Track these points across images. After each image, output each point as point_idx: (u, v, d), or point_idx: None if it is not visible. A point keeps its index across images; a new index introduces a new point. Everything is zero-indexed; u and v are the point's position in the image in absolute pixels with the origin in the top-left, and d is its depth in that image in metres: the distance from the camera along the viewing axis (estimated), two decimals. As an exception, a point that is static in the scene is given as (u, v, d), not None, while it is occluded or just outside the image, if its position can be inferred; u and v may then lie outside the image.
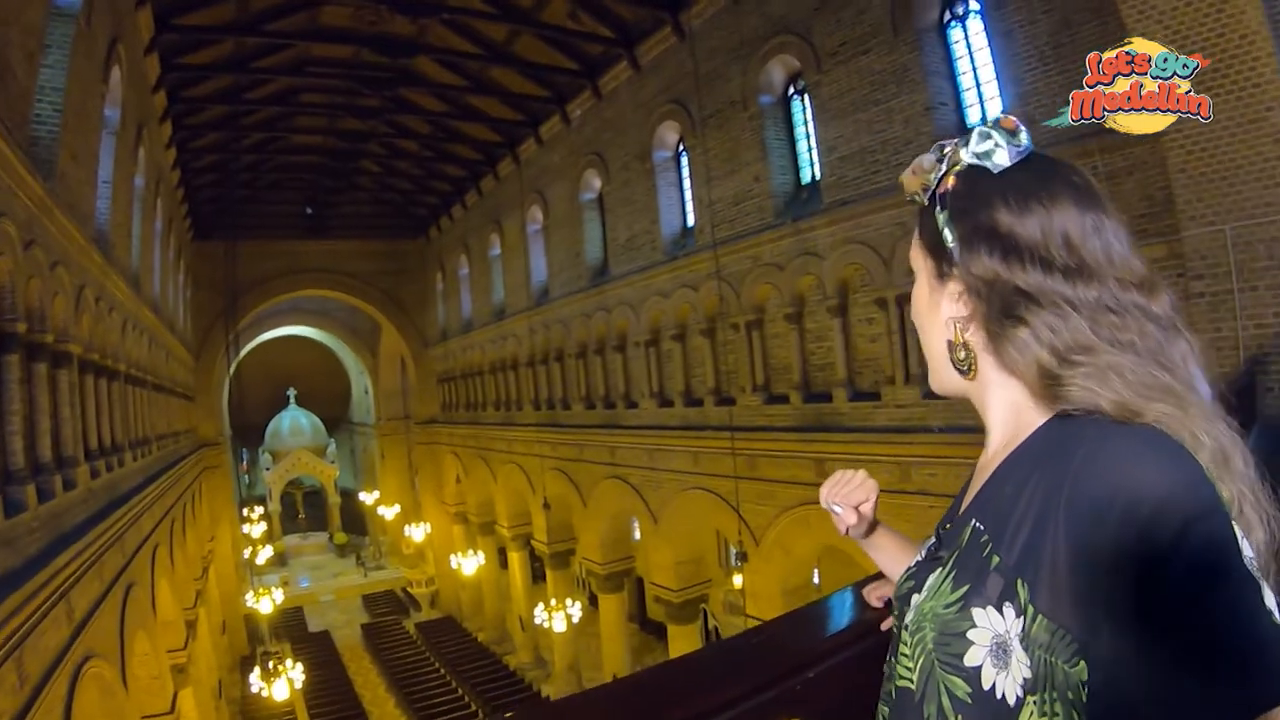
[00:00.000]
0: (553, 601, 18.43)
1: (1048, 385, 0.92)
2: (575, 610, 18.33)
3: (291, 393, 39.68)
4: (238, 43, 14.53)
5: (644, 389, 16.13)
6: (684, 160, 15.26)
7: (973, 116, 10.37)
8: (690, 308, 14.71)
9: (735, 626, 16.46)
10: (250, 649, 24.14)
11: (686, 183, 15.27)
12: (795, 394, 12.52)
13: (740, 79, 13.14)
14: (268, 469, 39.03)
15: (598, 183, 17.61)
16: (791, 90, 13.00)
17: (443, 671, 23.36)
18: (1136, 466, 0.79)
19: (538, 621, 18.83)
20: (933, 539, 1.13)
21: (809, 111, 12.51)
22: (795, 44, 12.11)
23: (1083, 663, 0.79)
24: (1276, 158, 6.58)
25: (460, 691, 21.72)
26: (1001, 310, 0.95)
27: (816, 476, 11.90)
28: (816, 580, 14.48)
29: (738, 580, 13.35)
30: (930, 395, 10.41)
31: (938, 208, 1.05)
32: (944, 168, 1.06)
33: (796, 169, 13.04)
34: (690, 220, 15.19)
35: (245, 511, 31.83)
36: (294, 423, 39.97)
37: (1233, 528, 0.77)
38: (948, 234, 1.02)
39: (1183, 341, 0.94)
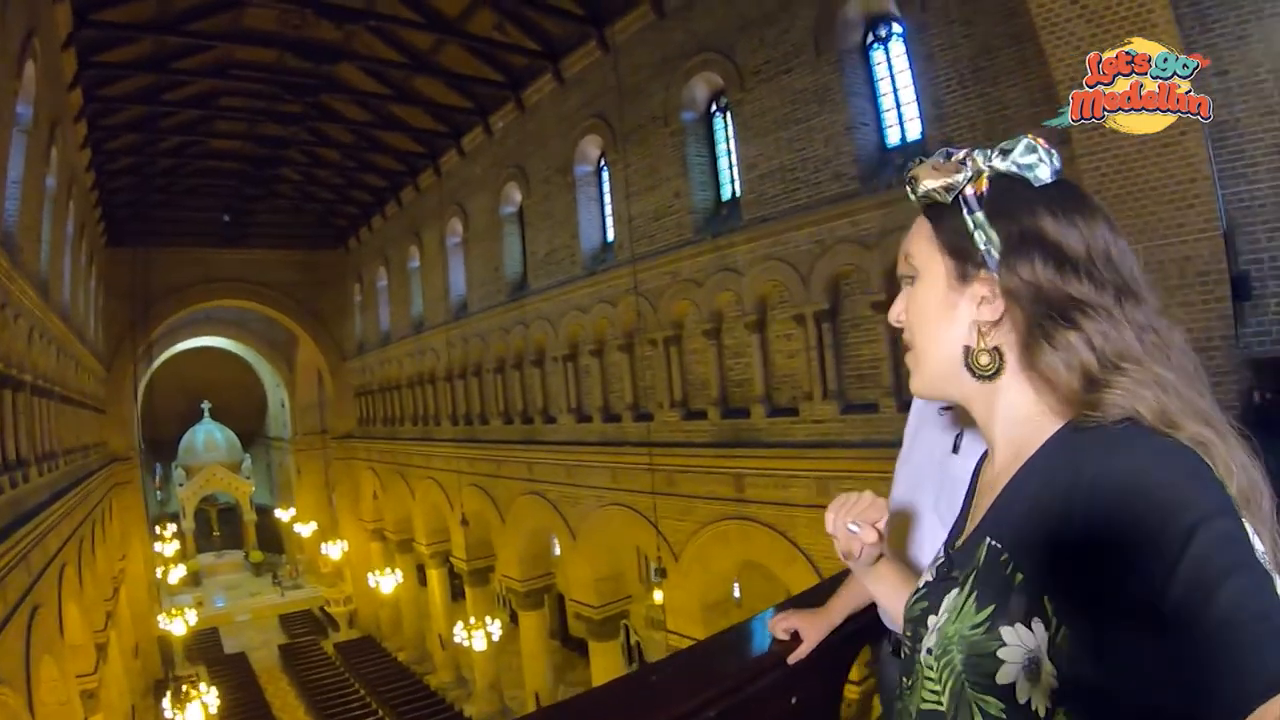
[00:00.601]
0: (472, 620, 18.17)
1: (1086, 389, 0.93)
2: (495, 628, 18.11)
3: (206, 406, 38.41)
4: (158, 41, 14.06)
5: (562, 404, 16.02)
6: (605, 175, 15.25)
7: (893, 137, 10.63)
8: (608, 323, 14.68)
9: (657, 642, 16.44)
10: (164, 672, 23.31)
11: (607, 198, 15.27)
12: (713, 410, 12.56)
13: (663, 95, 13.19)
14: (181, 485, 37.73)
15: (518, 196, 17.50)
16: (714, 107, 13.10)
17: (363, 693, 22.81)
18: (1150, 470, 0.81)
19: (457, 640, 18.57)
20: (942, 558, 1.12)
21: (730, 129, 12.61)
22: (719, 62, 12.22)
23: (1105, 666, 0.79)
24: (1188, 180, 6.85)
25: (381, 713, 21.27)
26: (1051, 315, 0.96)
27: (734, 492, 12.02)
28: (737, 594, 14.53)
29: (658, 596, 13.33)
30: (849, 410, 10.57)
31: (966, 209, 1.02)
32: (968, 170, 1.03)
33: (717, 186, 13.12)
34: (610, 235, 15.19)
35: (158, 529, 30.78)
36: (208, 437, 38.72)
37: (1244, 525, 0.77)
38: (981, 236, 1.01)
39: (1201, 370, 0.97)
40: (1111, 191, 7.16)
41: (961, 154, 1.05)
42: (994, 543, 0.95)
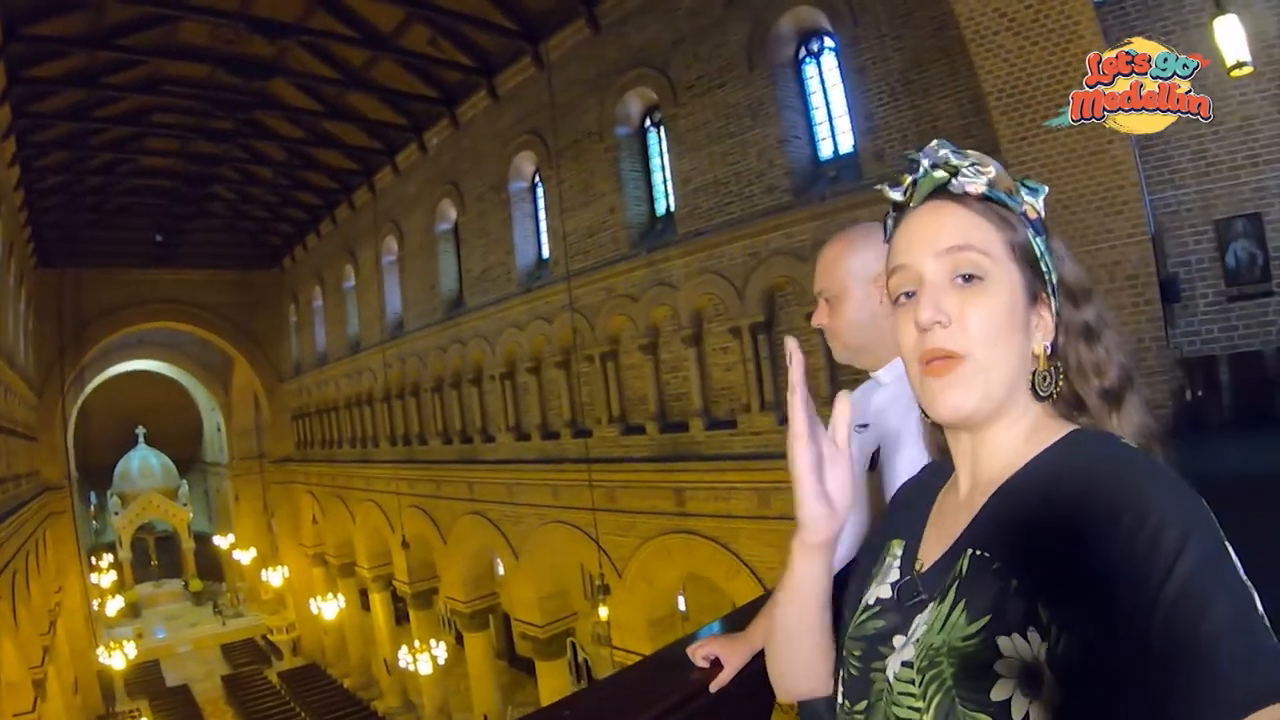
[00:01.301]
0: (417, 643, 17.93)
1: (1110, 407, 0.98)
2: (440, 651, 17.89)
3: (141, 431, 37.39)
4: (89, 56, 13.71)
5: (501, 423, 15.90)
6: (540, 191, 15.23)
7: (825, 150, 10.84)
8: (545, 340, 14.63)
9: (603, 659, 16.33)
10: (105, 708, 22.62)
11: (542, 214, 15.24)
12: (652, 424, 12.56)
13: (597, 110, 13.22)
14: (117, 513, 36.61)
15: (453, 213, 17.39)
16: (648, 122, 13.17)
17: (309, 721, 22.31)
18: (1142, 486, 0.81)
19: (403, 664, 18.30)
20: (898, 576, 1.06)
21: (664, 143, 12.69)
22: (653, 77, 12.30)
23: (1102, 674, 0.77)
24: (1116, 187, 7.07)
25: (327, 741, 20.80)
26: (1081, 338, 1.00)
27: (675, 506, 12.08)
28: (683, 608, 14.49)
29: (604, 613, 13.29)
30: (787, 421, 10.58)
31: (1031, 230, 1.00)
32: (1020, 187, 1.02)
33: (651, 200, 13.19)
34: (545, 252, 15.15)
35: (94, 560, 30.00)
36: (144, 463, 37.68)
37: (1226, 544, 0.78)
38: (1045, 266, 1.00)
39: (1129, 341, 1.03)
40: (1041, 199, 7.33)
41: (981, 160, 1.01)
42: (980, 553, 0.92)
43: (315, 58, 15.06)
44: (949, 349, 0.95)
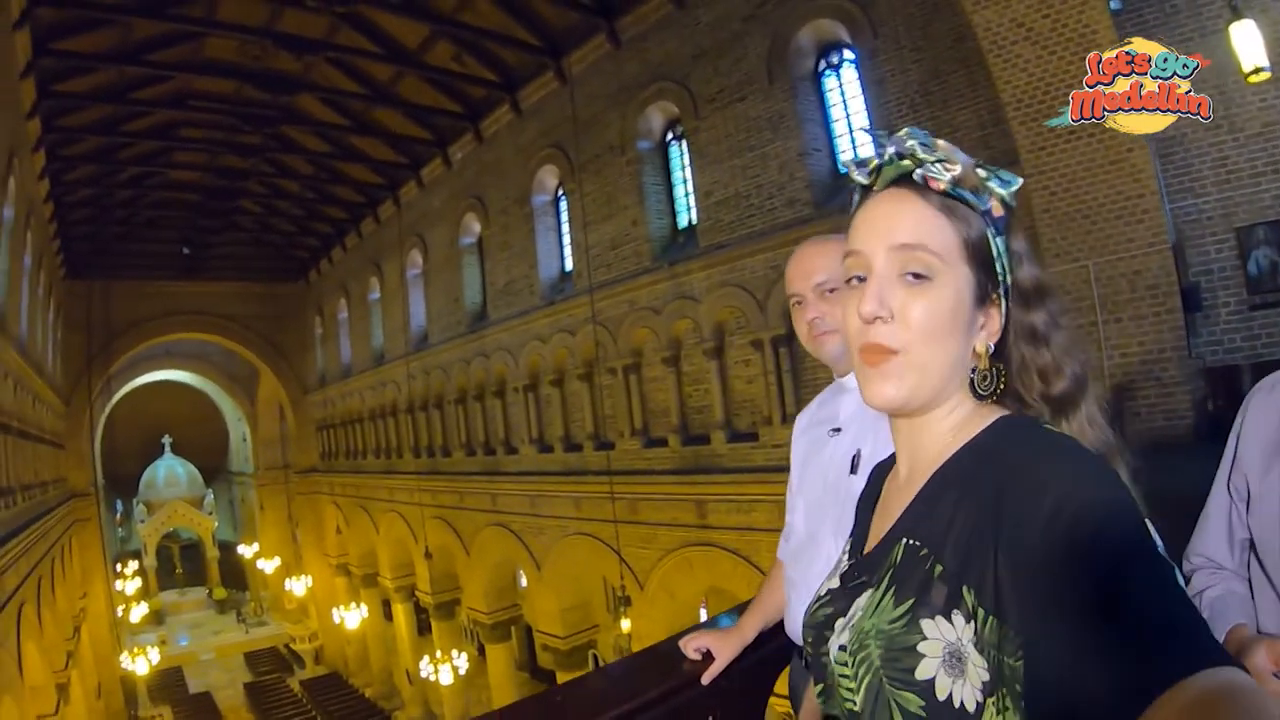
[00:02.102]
0: (439, 654, 17.93)
1: (1057, 417, 0.97)
2: (462, 661, 17.85)
3: (167, 441, 37.75)
4: (118, 72, 13.94)
5: (524, 435, 15.94)
6: (562, 205, 15.32)
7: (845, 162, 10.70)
8: (568, 352, 14.66)
9: (624, 673, 16.26)
10: (128, 713, 22.78)
11: (565, 227, 15.32)
12: (674, 437, 12.55)
13: (619, 124, 13.28)
14: (142, 521, 36.93)
15: (477, 227, 17.50)
16: (669, 136, 13.21)
17: (330, 731, 22.37)
18: (1062, 469, 0.82)
19: (424, 674, 18.30)
20: (845, 565, 1.10)
21: (686, 157, 12.71)
22: (674, 91, 12.33)
23: (1023, 655, 0.78)
24: (1136, 196, 7.02)
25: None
26: (1026, 340, 0.99)
27: (697, 518, 12.02)
28: (705, 620, 14.40)
29: (625, 625, 13.25)
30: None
31: (993, 230, 0.99)
32: (990, 179, 1.00)
33: (673, 213, 13.21)
34: (568, 265, 15.19)
35: (119, 567, 30.20)
36: (169, 472, 38.02)
37: (1145, 522, 0.80)
38: (1001, 266, 0.99)
39: (1085, 348, 1.01)
40: (1061, 210, 7.32)
41: (973, 163, 1.01)
42: (912, 541, 0.94)
43: (341, 73, 15.23)
44: (887, 345, 0.97)
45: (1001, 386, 0.99)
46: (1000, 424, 0.96)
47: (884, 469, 1.17)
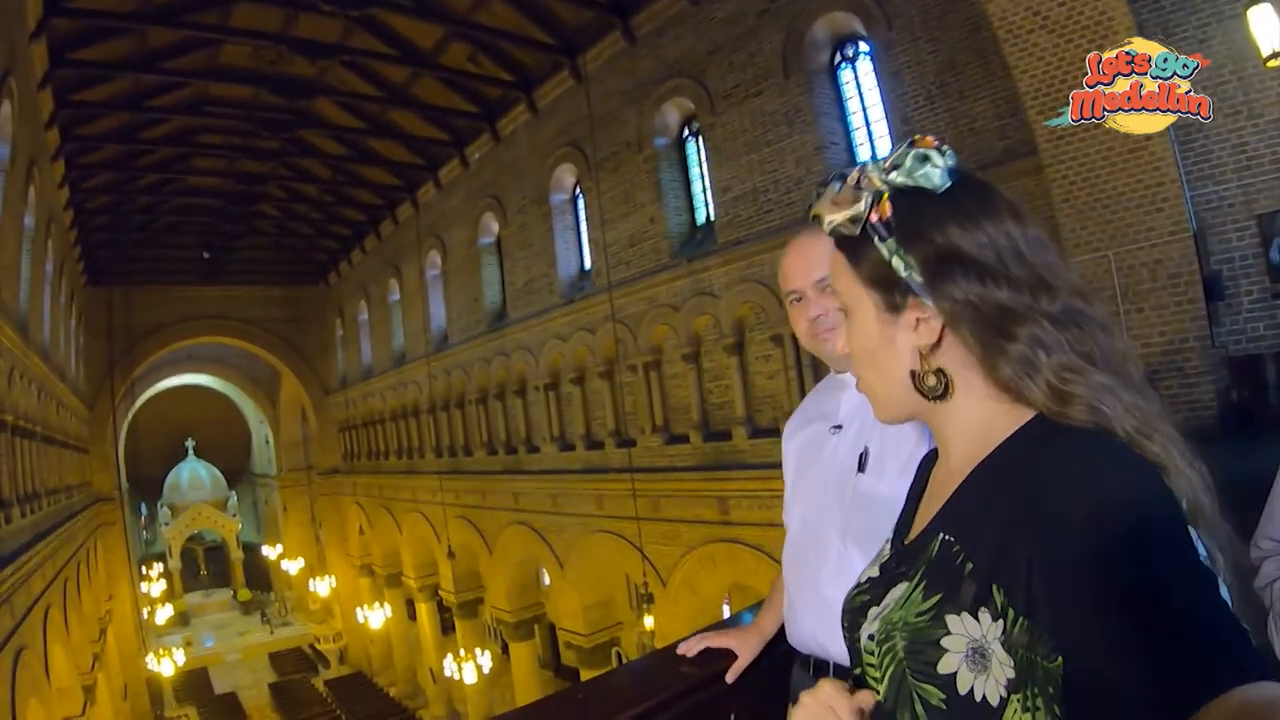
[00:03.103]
0: (462, 652, 18.02)
1: (1050, 397, 0.91)
2: (485, 660, 17.95)
3: (190, 444, 38.04)
4: (135, 80, 14.06)
5: (545, 433, 15.98)
6: (580, 203, 15.33)
7: (863, 155, 10.70)
8: (588, 350, 14.69)
9: (648, 669, 16.29)
10: (154, 714, 23.00)
11: (583, 225, 15.32)
12: (695, 433, 12.54)
13: (636, 121, 13.28)
14: (167, 524, 37.22)
15: (495, 226, 17.54)
16: (686, 132, 13.18)
17: (355, 730, 22.50)
18: (1100, 474, 0.82)
19: (448, 673, 18.42)
20: (888, 554, 1.10)
21: (703, 153, 12.68)
22: (689, 87, 12.32)
23: (1059, 658, 0.78)
24: (1156, 185, 6.94)
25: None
26: (991, 330, 0.93)
27: (719, 515, 12.03)
28: (727, 617, 14.38)
29: (649, 622, 13.27)
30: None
31: (877, 237, 0.98)
32: (868, 195, 0.99)
33: (691, 210, 13.19)
34: (587, 263, 15.21)
35: (144, 569, 30.47)
36: (193, 475, 38.33)
37: (1188, 529, 0.79)
38: (899, 263, 0.97)
39: (1121, 343, 0.97)
40: (1080, 200, 7.26)
41: (855, 175, 1.01)
42: (947, 537, 0.95)
43: (357, 76, 15.28)
44: (854, 373, 1.09)
45: (947, 384, 0.98)
46: (1034, 424, 0.94)
47: (932, 459, 1.17)
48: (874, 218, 0.98)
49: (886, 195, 0.98)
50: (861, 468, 1.68)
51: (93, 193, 18.62)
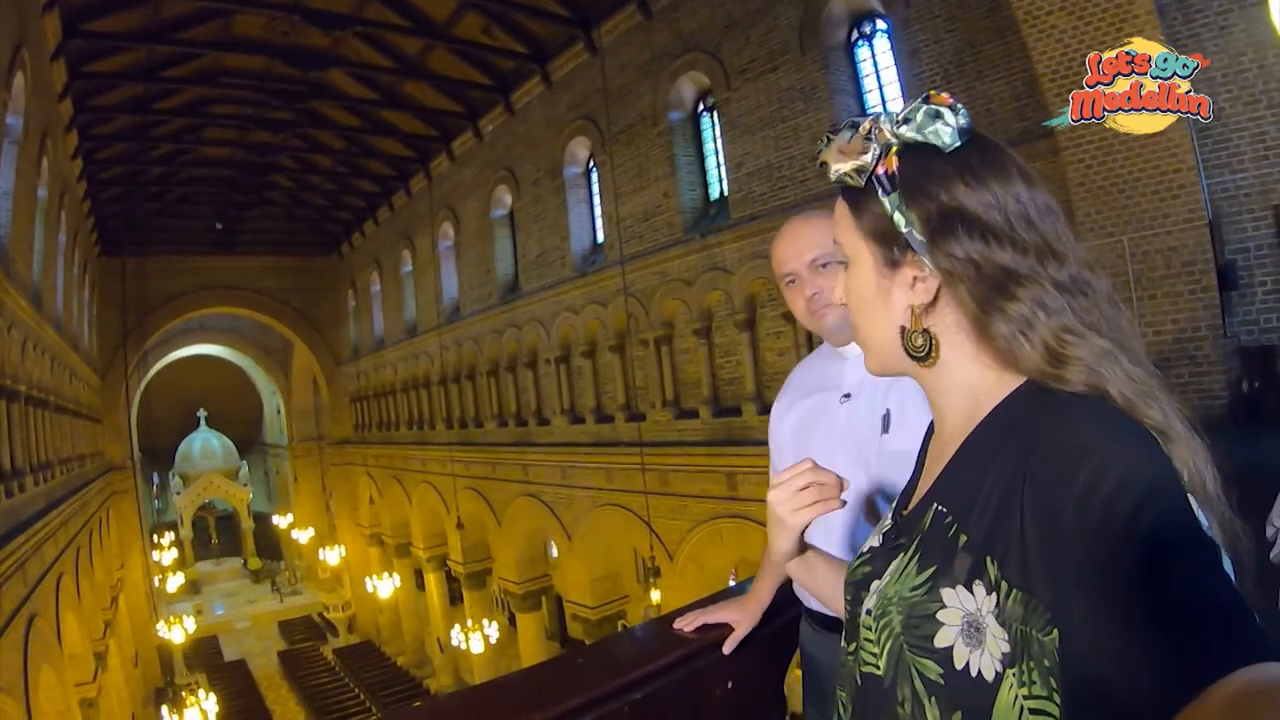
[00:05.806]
0: (470, 623, 18.16)
1: (1047, 360, 0.89)
2: (493, 631, 18.06)
3: (202, 414, 38.25)
4: (148, 50, 14.03)
5: (555, 406, 16.04)
6: (594, 176, 15.31)
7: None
8: (600, 324, 14.71)
9: (653, 642, 16.40)
10: (164, 680, 23.27)
11: (596, 199, 15.32)
12: (705, 408, 12.57)
13: (650, 95, 13.23)
14: (178, 493, 37.56)
15: (509, 199, 17.54)
16: (701, 107, 13.13)
17: (363, 698, 22.68)
18: (1097, 439, 0.79)
19: (456, 643, 18.54)
20: (889, 525, 1.10)
21: (717, 128, 12.63)
22: (705, 61, 12.27)
23: (1055, 630, 0.76)
24: (1172, 170, 6.89)
25: (381, 718, 21.15)
26: (991, 291, 0.92)
27: (728, 490, 12.02)
28: (730, 586, 14.46)
29: (655, 595, 13.34)
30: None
31: (881, 191, 0.97)
32: (876, 147, 0.98)
33: (705, 185, 13.17)
34: (600, 236, 15.21)
35: (156, 538, 30.69)
36: (205, 445, 38.59)
37: (1189, 499, 0.77)
38: (900, 219, 0.96)
39: (1126, 320, 0.95)
40: (1096, 184, 7.23)
41: (867, 125, 0.99)
42: (940, 508, 0.94)
43: (371, 48, 15.24)
44: (851, 323, 1.09)
45: (928, 349, 0.98)
46: (1026, 388, 0.92)
47: (933, 427, 1.14)
48: (880, 170, 0.98)
49: (895, 149, 0.97)
50: (886, 429, 1.70)
51: (106, 164, 18.67)
